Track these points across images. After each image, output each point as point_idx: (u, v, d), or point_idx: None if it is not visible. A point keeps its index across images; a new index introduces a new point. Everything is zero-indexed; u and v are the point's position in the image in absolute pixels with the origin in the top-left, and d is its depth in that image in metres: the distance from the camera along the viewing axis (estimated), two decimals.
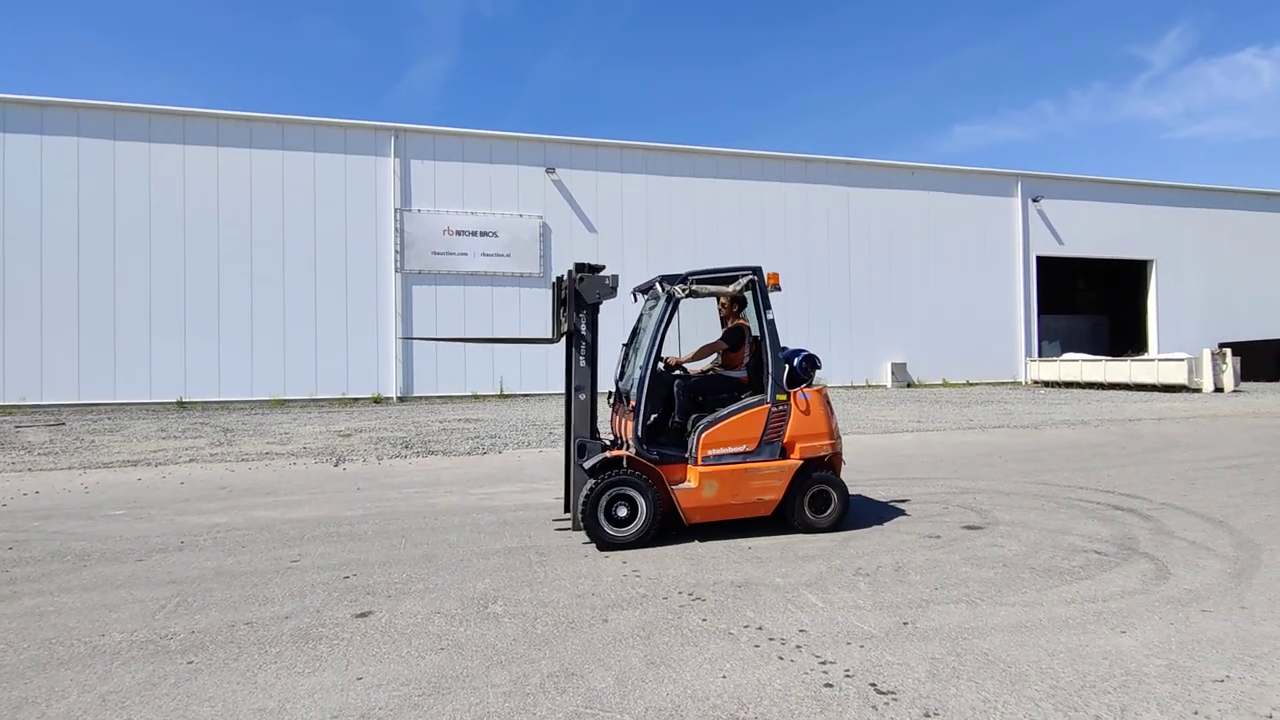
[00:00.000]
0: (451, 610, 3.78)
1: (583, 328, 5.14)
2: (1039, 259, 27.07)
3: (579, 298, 5.13)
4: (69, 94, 19.63)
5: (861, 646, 3.23)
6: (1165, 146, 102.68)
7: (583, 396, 5.13)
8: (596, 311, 5.20)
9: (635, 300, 6.11)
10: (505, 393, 21.32)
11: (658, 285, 5.36)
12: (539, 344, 6.00)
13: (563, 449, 5.77)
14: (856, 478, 7.27)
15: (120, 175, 18.87)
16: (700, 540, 5.09)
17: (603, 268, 5.32)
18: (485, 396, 21.07)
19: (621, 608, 3.78)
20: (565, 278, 5.28)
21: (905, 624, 3.50)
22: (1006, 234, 26.69)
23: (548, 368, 21.58)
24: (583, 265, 5.24)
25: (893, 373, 24.72)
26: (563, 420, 5.77)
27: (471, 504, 6.54)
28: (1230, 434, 11.15)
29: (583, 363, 5.13)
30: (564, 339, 5.30)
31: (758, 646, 3.26)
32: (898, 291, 25.43)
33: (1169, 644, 3.23)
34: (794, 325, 21.97)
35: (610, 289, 5.16)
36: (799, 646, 3.25)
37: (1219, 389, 20.88)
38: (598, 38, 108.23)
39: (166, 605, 3.92)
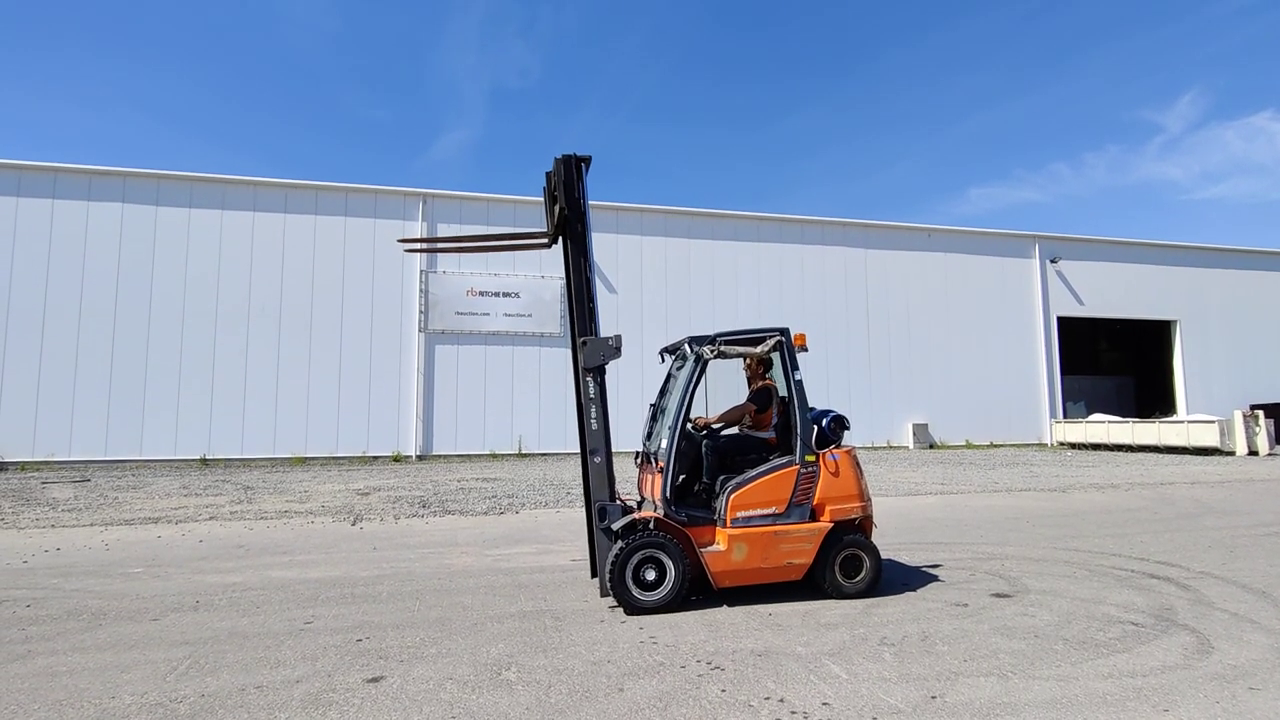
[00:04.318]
0: (464, 676, 3.70)
1: (591, 390, 5.11)
2: (1060, 319, 26.90)
3: (584, 360, 5.14)
4: (116, 164, 20.53)
5: None
6: (1185, 207, 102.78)
7: (598, 459, 5.08)
8: (603, 373, 5.18)
9: (663, 361, 6.13)
10: (524, 452, 21.29)
11: (686, 346, 5.39)
12: (537, 247, 5.95)
13: (583, 509, 5.71)
14: (879, 542, 7.06)
15: (160, 239, 19.62)
16: (718, 606, 4.97)
17: (589, 158, 5.29)
18: (503, 455, 21.05)
19: (638, 676, 3.68)
20: (551, 173, 5.33)
21: (933, 698, 3.36)
22: (1026, 295, 26.64)
23: (566, 427, 21.56)
24: (569, 157, 5.20)
25: (914, 434, 24.37)
26: (581, 480, 5.72)
27: (487, 565, 6.47)
28: (1269, 499, 10.77)
29: (595, 424, 5.10)
30: (559, 238, 5.51)
31: None
32: (918, 352, 25.31)
33: None
34: (814, 385, 21.67)
35: (615, 350, 5.15)
36: None
37: (1253, 452, 20.26)
38: (622, 101, 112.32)
39: (178, 667, 3.88)
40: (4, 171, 18.85)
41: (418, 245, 6.12)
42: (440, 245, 6.27)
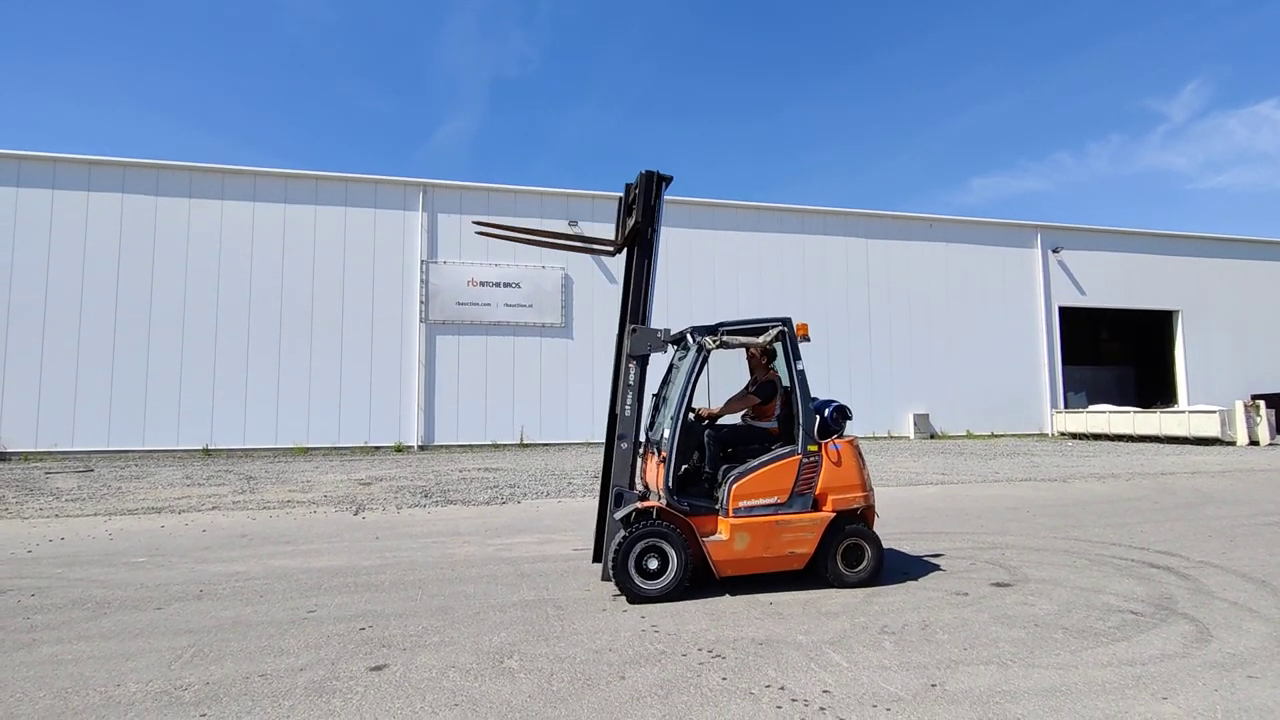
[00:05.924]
0: (467, 664, 3.72)
1: (631, 377, 5.20)
2: (1061, 309, 26.85)
3: (629, 348, 5.22)
4: (119, 155, 20.44)
5: (888, 710, 3.12)
6: (1188, 197, 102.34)
7: (625, 445, 5.14)
8: (646, 362, 5.27)
9: (665, 351, 6.17)
10: (525, 442, 21.33)
11: (688, 336, 5.41)
12: (602, 253, 6.15)
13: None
14: (880, 531, 7.09)
15: (160, 229, 19.58)
16: (720, 595, 4.99)
17: (670, 178, 5.49)
18: (505, 446, 21.09)
19: (640, 665, 3.70)
20: (632, 185, 5.50)
21: (933, 686, 3.38)
22: (1027, 285, 26.58)
23: (568, 417, 21.62)
24: (651, 173, 5.39)
25: (915, 424, 24.38)
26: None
27: (489, 555, 6.49)
28: (1270, 489, 10.78)
29: (628, 411, 5.16)
30: (624, 249, 5.67)
31: (780, 708, 3.15)
32: (919, 342, 25.28)
33: (1214, 712, 3.07)
34: (815, 375, 21.75)
35: (661, 343, 5.27)
36: (823, 709, 3.14)
37: (1254, 442, 20.27)
38: (623, 93, 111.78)
39: (183, 655, 3.90)
40: (3, 161, 18.80)
41: (491, 230, 6.29)
42: (511, 234, 6.42)
